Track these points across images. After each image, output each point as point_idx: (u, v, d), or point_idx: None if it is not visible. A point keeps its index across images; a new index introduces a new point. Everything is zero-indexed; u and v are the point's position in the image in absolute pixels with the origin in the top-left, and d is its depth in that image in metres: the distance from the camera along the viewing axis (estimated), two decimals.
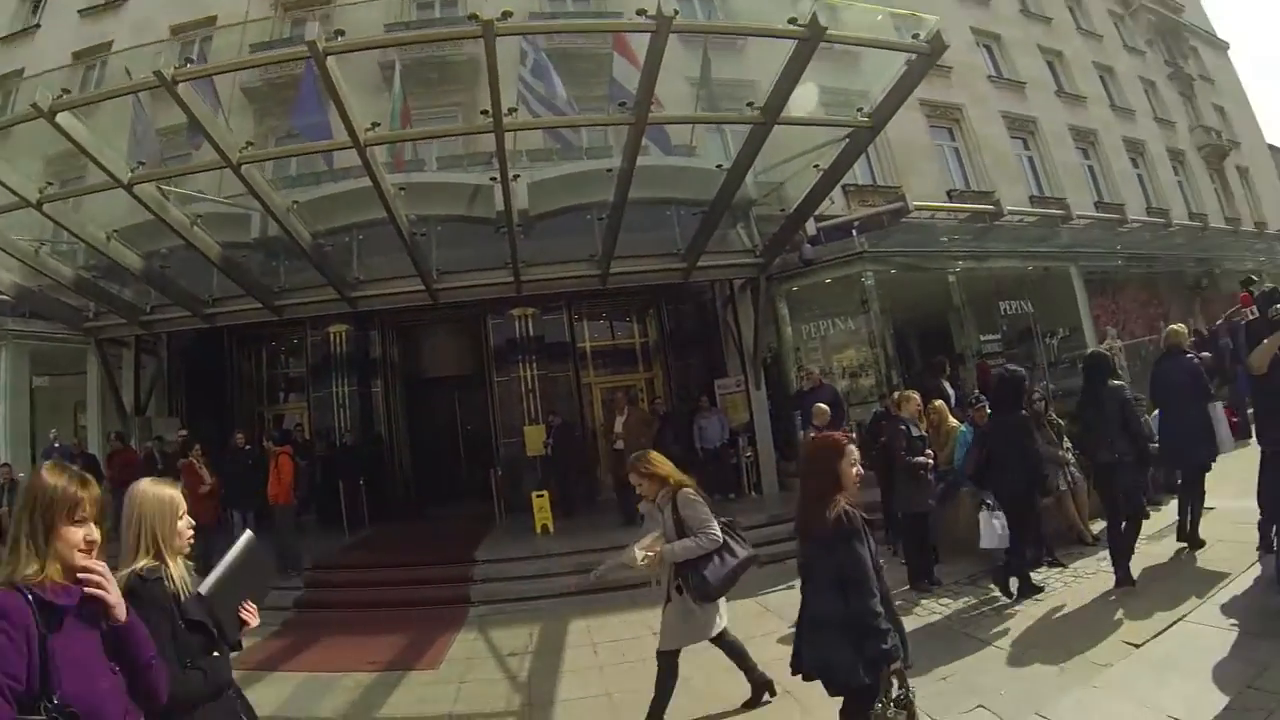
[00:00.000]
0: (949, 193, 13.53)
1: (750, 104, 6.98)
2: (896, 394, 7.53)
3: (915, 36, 6.41)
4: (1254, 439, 5.33)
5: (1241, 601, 4.79)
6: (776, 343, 11.96)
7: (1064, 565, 6.31)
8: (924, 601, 5.96)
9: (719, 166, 8.59)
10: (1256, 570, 5.27)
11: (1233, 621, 4.46)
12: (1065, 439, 7.18)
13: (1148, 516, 5.66)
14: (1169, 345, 6.30)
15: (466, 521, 11.26)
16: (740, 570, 3.94)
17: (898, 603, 5.73)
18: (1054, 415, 7.37)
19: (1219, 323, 11.04)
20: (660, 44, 5.88)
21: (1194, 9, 28.50)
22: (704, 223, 9.42)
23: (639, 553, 3.83)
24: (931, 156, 14.37)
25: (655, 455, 4.20)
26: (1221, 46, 29.35)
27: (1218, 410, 6.13)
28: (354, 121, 6.35)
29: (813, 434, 7.36)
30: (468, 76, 12.45)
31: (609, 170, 8.43)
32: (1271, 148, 35.32)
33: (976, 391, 8.95)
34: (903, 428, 6.51)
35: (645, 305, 13.50)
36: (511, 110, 6.59)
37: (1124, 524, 5.40)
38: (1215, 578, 5.29)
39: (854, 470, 2.87)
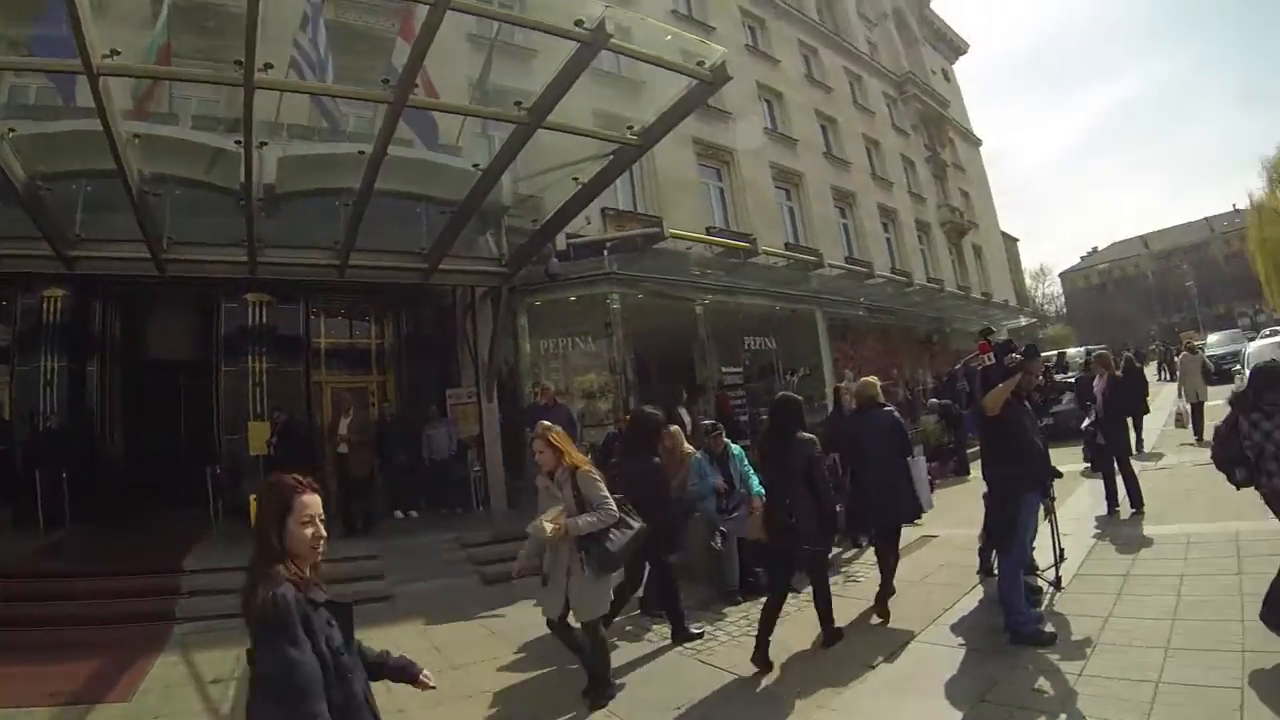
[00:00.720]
0: (708, 228, 14.22)
1: (518, 103, 6.79)
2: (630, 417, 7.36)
3: (700, 64, 6.38)
4: (979, 472, 5.73)
5: (968, 621, 5.13)
6: (514, 356, 11.84)
7: (797, 591, 5.93)
8: (655, 627, 5.78)
9: (475, 166, 8.32)
10: (979, 592, 5.71)
11: (961, 640, 4.76)
12: None
13: (792, 592, 5.02)
14: (864, 398, 6.03)
15: (180, 524, 10.02)
16: (636, 542, 4.32)
17: (628, 628, 5.75)
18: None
19: (957, 367, 11.83)
20: (435, 19, 5.48)
21: (957, 108, 32.85)
22: (451, 223, 9.13)
23: (547, 525, 4.05)
24: (696, 193, 15.07)
25: (559, 430, 4.51)
26: (975, 143, 34.04)
27: (919, 467, 6.16)
28: (88, 43, 5.41)
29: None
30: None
31: (361, 152, 7.88)
32: (1004, 235, 41.19)
33: (713, 419, 9.41)
34: None
35: (385, 306, 12.94)
36: (268, 66, 5.96)
37: (766, 601, 4.84)
38: (943, 599, 5.62)
39: (309, 531, 2.12)
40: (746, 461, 6.67)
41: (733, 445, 6.86)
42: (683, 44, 6.75)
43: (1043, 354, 7.16)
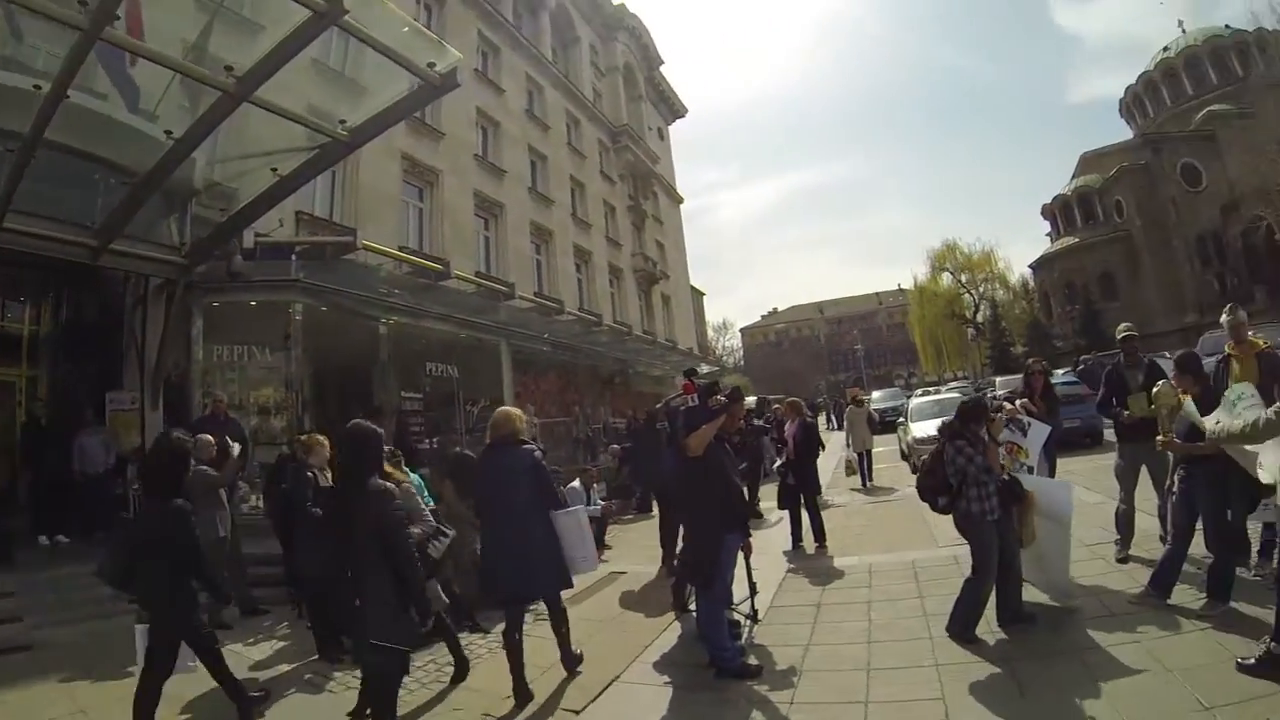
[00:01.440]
0: (401, 247, 14.18)
1: (229, 67, 6.11)
2: (305, 437, 6.84)
3: (432, 65, 6.16)
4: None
5: (670, 658, 5.19)
6: (185, 361, 10.62)
7: (486, 630, 6.00)
8: (337, 674, 5.31)
9: (169, 134, 7.23)
10: (678, 628, 5.82)
11: (666, 678, 4.80)
12: None
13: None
14: (501, 434, 4.90)
15: None
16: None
17: (306, 675, 5.35)
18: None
19: (659, 406, 11.54)
20: None
21: (666, 165, 36.19)
22: (130, 195, 7.96)
23: None
24: (396, 209, 14.89)
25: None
26: (676, 200, 37.73)
27: (575, 520, 5.06)
28: None
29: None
30: None
31: (37, 87, 6.32)
32: (693, 288, 45.92)
33: (391, 446, 9.32)
34: (309, 475, 6.00)
35: (45, 286, 10.93)
36: None
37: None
38: (641, 637, 5.69)
39: None
40: (428, 493, 6.43)
41: (412, 474, 6.38)
42: (420, 40, 6.46)
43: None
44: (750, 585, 5.80)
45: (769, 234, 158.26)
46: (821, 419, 32.30)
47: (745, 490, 6.57)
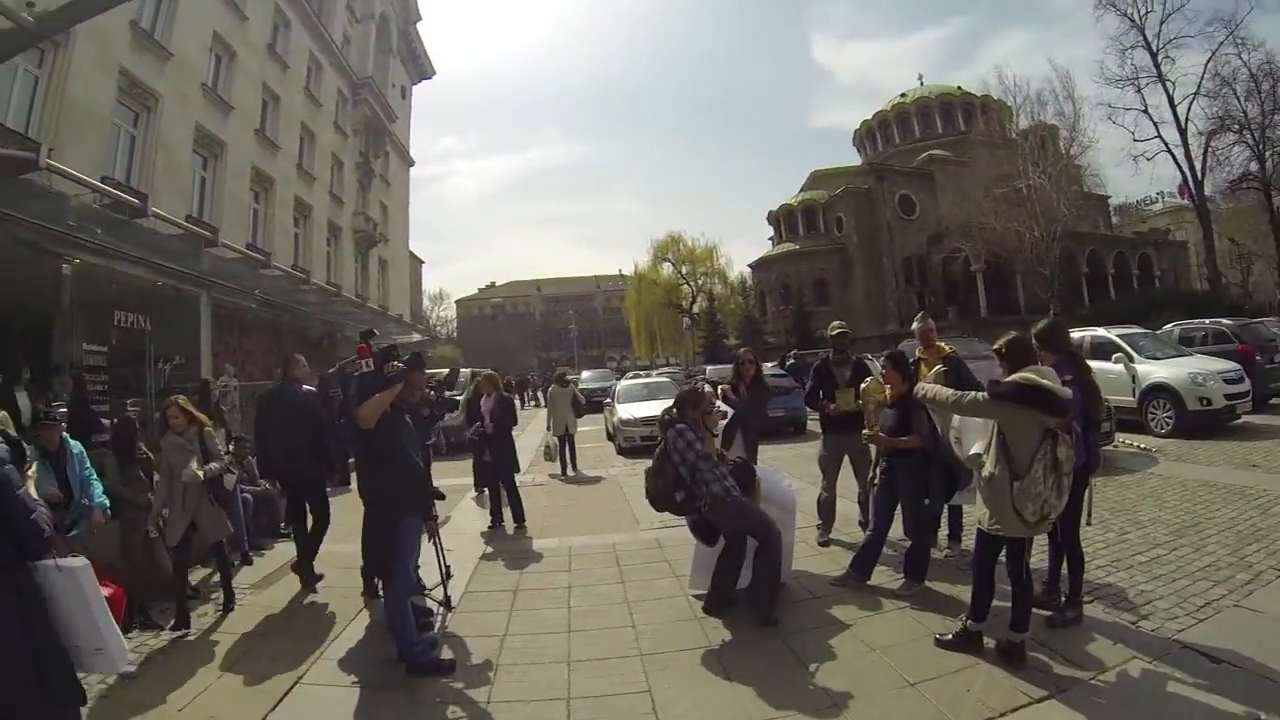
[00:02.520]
0: (105, 178, 12.69)
1: None
2: None
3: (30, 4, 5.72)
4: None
5: (358, 654, 4.76)
6: None
7: (161, 627, 5.35)
8: None
9: None
10: (365, 617, 5.38)
11: (354, 678, 4.37)
12: None
13: None
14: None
15: None
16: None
17: None
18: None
19: (331, 370, 10.73)
20: None
21: (403, 126, 35.28)
22: None
23: (199, 471, 5.46)
24: (105, 132, 13.15)
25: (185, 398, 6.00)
26: (409, 162, 37.02)
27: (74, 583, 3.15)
28: None
29: None
30: None
31: None
32: (413, 254, 45.23)
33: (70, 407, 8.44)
34: None
35: None
36: None
37: None
38: (325, 628, 5.26)
39: None
40: (89, 464, 5.87)
41: (72, 442, 5.88)
42: None
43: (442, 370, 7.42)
44: (443, 570, 5.56)
45: (499, 208, 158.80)
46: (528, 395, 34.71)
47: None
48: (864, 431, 5.45)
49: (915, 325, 6.11)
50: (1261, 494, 7.06)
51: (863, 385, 5.58)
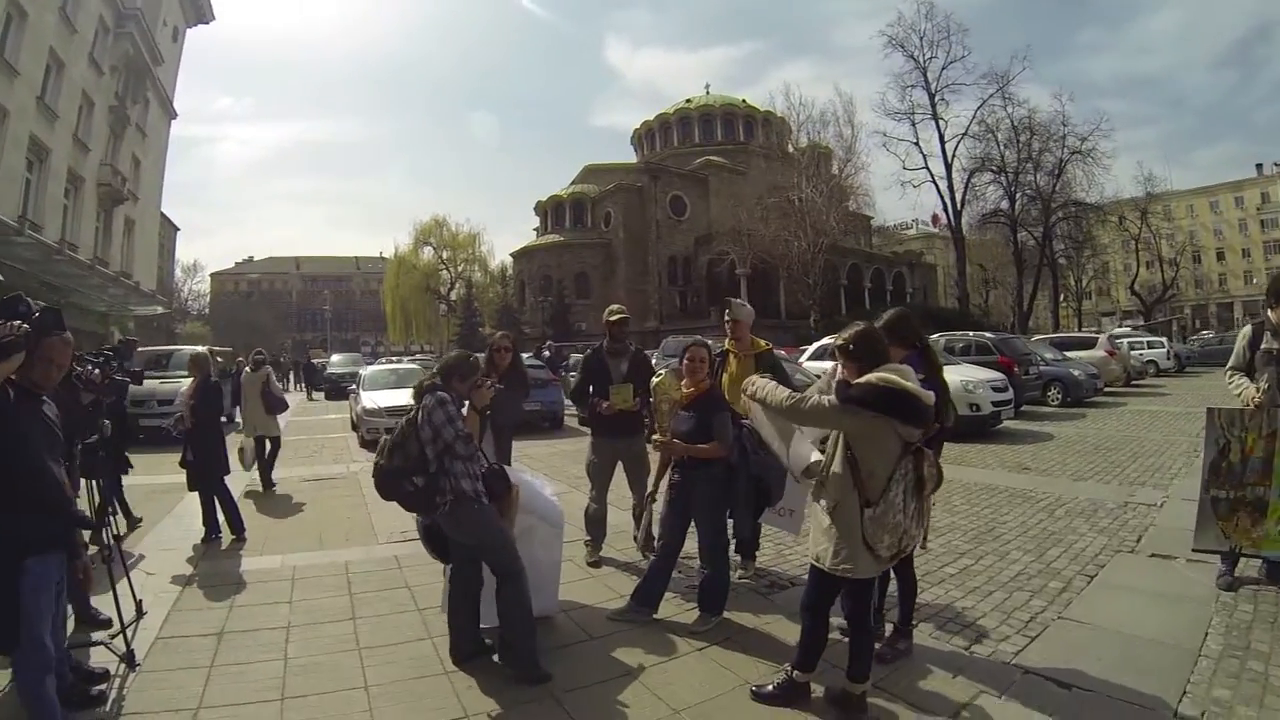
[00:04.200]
0: None
1: None
2: None
3: None
4: None
5: None
6: None
7: None
8: None
9: None
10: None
11: None
12: None
13: None
14: None
15: None
16: None
17: None
18: None
19: None
20: None
21: (169, 71, 31.42)
22: None
23: None
24: None
25: None
26: (170, 114, 33.02)
27: None
28: None
29: None
30: None
31: None
32: (166, 218, 40.35)
33: None
34: None
35: None
36: None
37: None
38: None
39: None
40: None
41: None
42: None
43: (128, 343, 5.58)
44: (136, 603, 4.49)
45: (267, 181, 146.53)
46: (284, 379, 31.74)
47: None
48: (655, 437, 4.55)
49: (727, 315, 5.21)
50: (1042, 496, 7.39)
51: (654, 380, 4.65)
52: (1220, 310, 68.97)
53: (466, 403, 4.04)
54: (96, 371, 4.40)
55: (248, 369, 9.72)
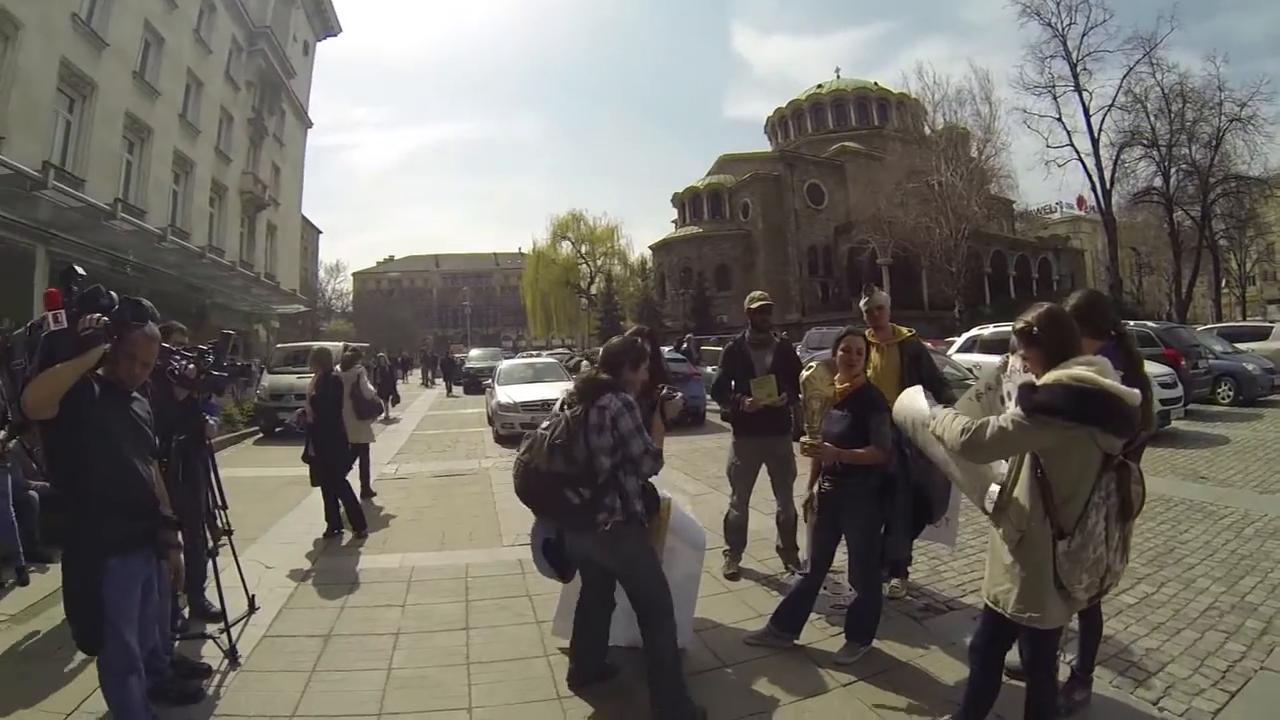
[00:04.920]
0: None
1: None
2: None
3: None
4: None
5: None
6: None
7: None
8: None
9: None
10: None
11: None
12: None
13: None
14: None
15: None
16: None
17: None
18: None
19: (18, 331, 7.94)
20: None
21: (302, 83, 33.36)
22: None
23: None
24: None
25: None
26: (306, 124, 35.05)
27: None
28: None
29: None
30: None
31: None
32: (308, 222, 42.99)
33: None
34: None
35: None
36: None
37: None
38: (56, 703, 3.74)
39: None
40: None
41: None
42: None
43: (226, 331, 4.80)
44: (247, 601, 4.47)
45: (407, 181, 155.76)
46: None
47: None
48: (803, 439, 3.97)
49: (862, 303, 4.74)
50: (1225, 510, 6.42)
51: (803, 375, 4.08)
52: None
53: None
54: (191, 367, 4.04)
55: (337, 367, 8.01)
